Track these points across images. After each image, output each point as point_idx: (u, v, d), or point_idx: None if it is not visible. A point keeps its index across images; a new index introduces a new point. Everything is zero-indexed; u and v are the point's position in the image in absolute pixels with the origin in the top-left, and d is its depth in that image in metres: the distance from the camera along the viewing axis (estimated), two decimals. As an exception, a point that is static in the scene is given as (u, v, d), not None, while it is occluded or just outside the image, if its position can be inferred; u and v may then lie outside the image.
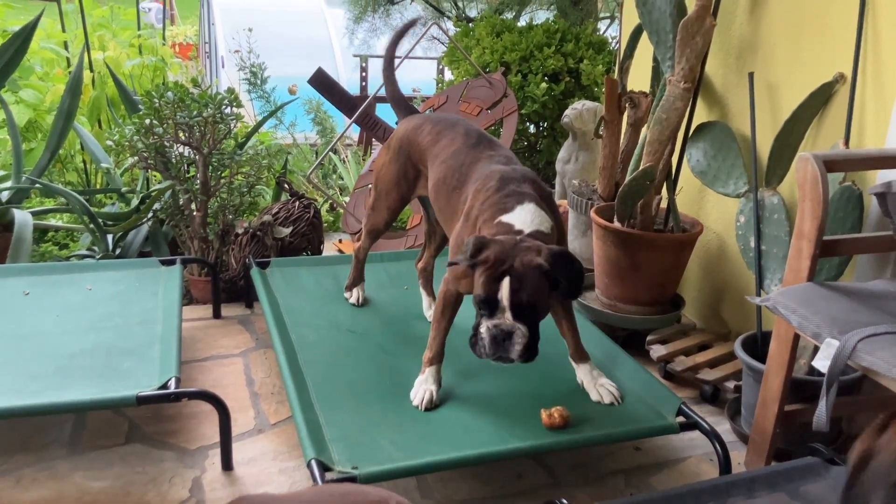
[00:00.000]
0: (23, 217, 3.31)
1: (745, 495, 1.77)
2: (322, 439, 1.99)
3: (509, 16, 6.37)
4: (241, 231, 3.44)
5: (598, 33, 5.57)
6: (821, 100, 2.52)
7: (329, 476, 1.83)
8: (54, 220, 3.96)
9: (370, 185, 3.27)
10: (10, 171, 3.79)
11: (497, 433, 2.06)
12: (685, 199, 3.17)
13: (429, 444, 2.01)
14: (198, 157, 3.27)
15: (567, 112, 3.93)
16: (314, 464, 1.85)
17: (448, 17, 6.83)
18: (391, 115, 3.14)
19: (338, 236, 4.42)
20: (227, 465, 2.23)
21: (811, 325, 1.88)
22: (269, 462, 2.27)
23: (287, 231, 3.47)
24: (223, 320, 3.20)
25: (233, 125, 3.30)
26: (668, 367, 2.77)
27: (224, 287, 3.33)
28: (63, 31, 4.70)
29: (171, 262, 3.05)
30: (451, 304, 2.25)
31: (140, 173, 4.01)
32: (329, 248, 4.07)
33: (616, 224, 2.90)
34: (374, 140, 5.62)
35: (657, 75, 3.07)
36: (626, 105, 3.04)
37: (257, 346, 2.98)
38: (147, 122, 3.17)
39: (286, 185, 3.72)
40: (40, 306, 2.66)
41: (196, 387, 2.57)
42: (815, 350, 1.85)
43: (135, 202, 3.71)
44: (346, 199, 4.69)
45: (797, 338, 2.06)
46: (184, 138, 3.23)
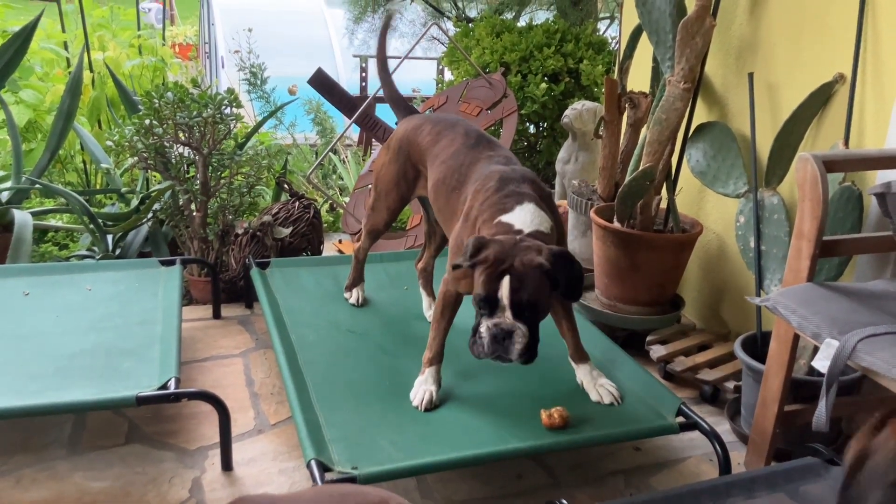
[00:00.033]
0: (23, 217, 3.31)
1: (745, 495, 1.77)
2: (322, 440, 1.99)
3: (509, 16, 6.37)
4: (240, 231, 3.44)
5: (597, 33, 5.57)
6: (820, 100, 2.52)
7: (329, 476, 1.83)
8: (54, 221, 3.96)
9: (370, 186, 3.27)
10: (10, 171, 3.79)
11: (497, 433, 2.06)
12: (685, 199, 3.17)
13: (428, 444, 2.00)
14: (198, 157, 3.27)
15: (567, 112, 3.93)
16: (314, 464, 1.85)
17: (448, 18, 6.83)
18: (391, 115, 3.14)
19: (338, 236, 4.42)
20: (226, 465, 2.23)
21: (811, 326, 1.88)
22: (269, 462, 2.27)
23: (287, 231, 3.47)
24: (223, 321, 3.20)
25: (233, 125, 3.30)
26: (667, 368, 2.78)
27: (224, 287, 3.34)
28: (63, 31, 4.70)
29: (170, 263, 3.05)
30: (450, 304, 2.25)
31: (140, 174, 4.01)
32: (329, 249, 4.07)
33: (616, 224, 2.90)
34: (373, 140, 5.62)
35: (657, 75, 3.07)
36: (626, 105, 3.03)
37: (257, 346, 2.98)
38: (147, 122, 3.17)
39: (286, 186, 3.72)
40: (40, 307, 2.66)
41: (196, 387, 2.57)
42: (815, 350, 1.85)
43: (135, 202, 3.71)
44: (346, 199, 4.69)
45: (797, 338, 2.06)
46: (183, 139, 3.23)
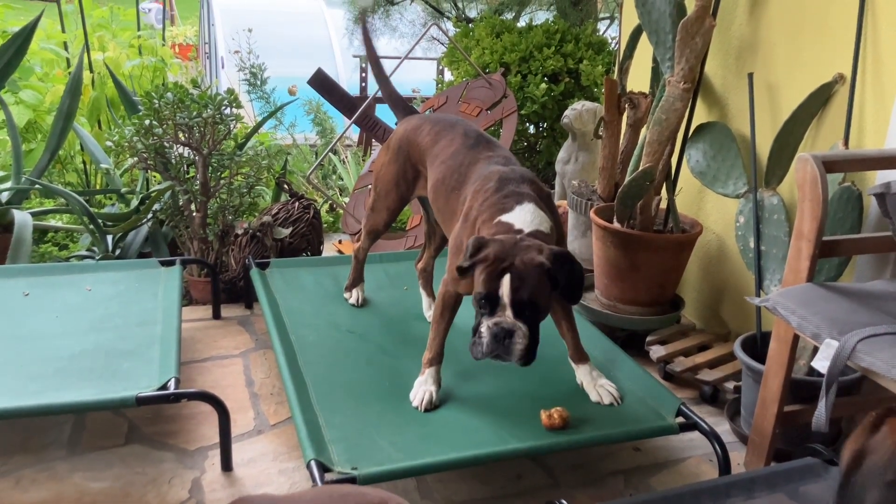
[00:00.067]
0: (22, 218, 3.31)
1: (745, 496, 1.77)
2: (322, 440, 1.99)
3: (509, 16, 6.37)
4: (240, 232, 3.44)
5: (597, 34, 5.57)
6: (820, 100, 2.52)
7: (328, 477, 1.83)
8: (54, 221, 3.96)
9: (370, 186, 3.27)
10: (10, 171, 3.79)
11: (496, 434, 2.06)
12: (685, 199, 3.17)
13: (428, 444, 2.00)
14: (197, 157, 3.27)
15: (567, 113, 3.93)
16: (314, 464, 1.85)
17: (448, 18, 6.83)
18: (391, 115, 3.14)
19: (337, 237, 4.42)
20: (226, 465, 2.23)
21: (810, 326, 1.88)
22: (269, 463, 2.27)
23: (287, 232, 3.47)
24: (223, 321, 3.20)
25: (232, 126, 3.30)
26: (667, 368, 2.78)
27: (224, 288, 3.34)
28: (63, 31, 4.70)
29: (170, 263, 3.05)
30: (450, 305, 2.25)
31: (140, 174, 4.01)
32: (329, 249, 4.07)
33: (616, 225, 2.90)
34: (373, 141, 5.62)
35: (657, 76, 3.07)
36: (626, 105, 3.03)
37: (257, 346, 2.98)
38: (147, 122, 3.17)
39: (286, 186, 3.72)
40: (40, 307, 2.66)
41: (196, 387, 2.57)
42: (815, 350, 1.84)
43: (134, 203, 3.71)
44: (346, 199, 4.69)
45: (797, 338, 2.06)
46: (183, 139, 3.23)
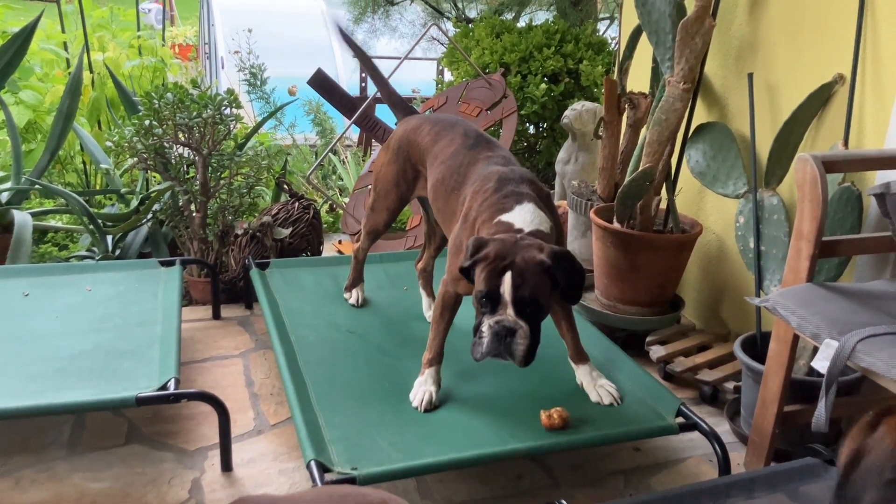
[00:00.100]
0: (22, 218, 3.31)
1: (745, 496, 1.77)
2: (321, 440, 1.99)
3: (509, 16, 6.38)
4: (240, 232, 3.44)
5: (597, 34, 5.57)
6: (820, 100, 2.52)
7: (328, 477, 1.83)
8: (54, 221, 3.96)
9: (369, 186, 3.27)
10: (10, 172, 3.79)
11: (496, 434, 2.06)
12: (684, 199, 3.17)
13: (428, 445, 2.00)
14: (197, 158, 3.27)
15: (566, 113, 3.93)
16: (314, 465, 1.85)
17: (447, 18, 6.83)
18: (391, 116, 3.14)
19: (337, 237, 4.42)
20: (226, 466, 2.23)
21: (810, 326, 1.88)
22: (269, 463, 2.27)
23: (286, 232, 3.47)
24: (223, 321, 3.20)
25: (232, 126, 3.30)
26: (667, 368, 2.77)
27: (223, 288, 3.34)
28: (63, 31, 4.70)
29: (170, 263, 3.05)
30: (449, 305, 2.25)
31: (139, 174, 4.02)
32: (328, 249, 4.07)
33: (615, 225, 2.90)
34: (373, 141, 5.62)
35: (657, 76, 3.07)
36: (626, 106, 3.04)
37: (257, 347, 2.98)
38: (147, 123, 3.17)
39: (286, 186, 3.72)
40: (40, 307, 2.66)
41: (195, 388, 2.57)
42: (815, 351, 1.84)
43: (134, 203, 3.71)
44: (346, 199, 4.69)
45: (796, 338, 2.06)
46: (183, 139, 3.23)
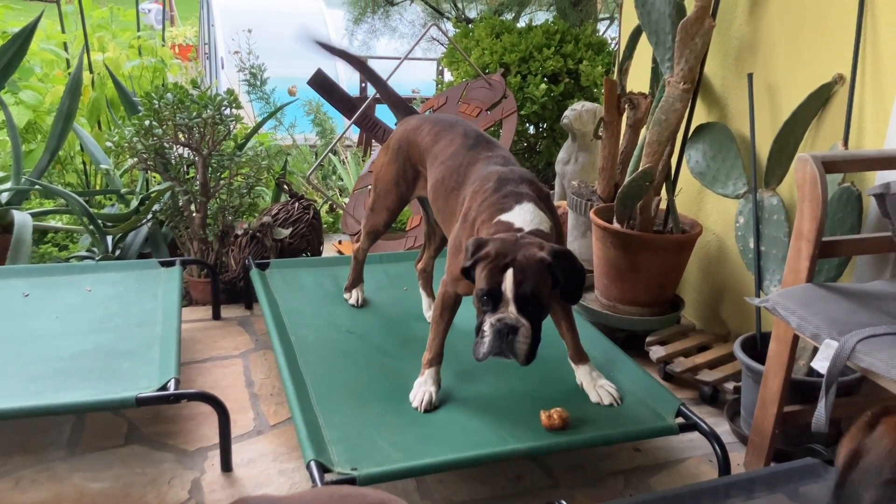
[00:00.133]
0: (22, 218, 3.31)
1: (744, 496, 1.77)
2: (321, 440, 1.99)
3: (509, 17, 6.38)
4: (240, 232, 3.44)
5: (597, 34, 5.58)
6: (820, 101, 2.52)
7: (328, 477, 1.83)
8: (54, 222, 3.96)
9: (369, 187, 3.27)
10: (10, 172, 3.79)
11: (496, 434, 2.06)
12: (684, 200, 3.17)
13: (428, 445, 2.00)
14: (197, 158, 3.27)
15: (566, 113, 3.93)
16: (313, 465, 1.85)
17: (447, 19, 6.83)
18: (391, 116, 3.14)
19: (337, 237, 4.42)
20: (226, 466, 2.23)
21: (810, 326, 1.88)
22: (269, 463, 2.27)
23: (286, 232, 3.47)
24: (223, 321, 3.20)
25: (232, 126, 3.30)
26: (667, 369, 2.78)
27: (223, 288, 3.34)
28: (63, 32, 4.70)
29: (170, 264, 3.05)
30: (449, 305, 2.25)
31: (139, 174, 4.02)
32: (328, 250, 4.07)
33: (615, 225, 2.90)
34: (373, 141, 5.63)
35: (656, 76, 3.07)
36: (626, 106, 3.04)
37: (257, 347, 2.98)
38: (146, 123, 3.17)
39: (286, 187, 3.72)
40: (40, 308, 2.66)
41: (195, 388, 2.57)
42: (815, 351, 1.84)
43: (134, 203, 3.71)
44: (346, 200, 4.69)
45: (796, 339, 2.06)
46: (183, 139, 3.23)
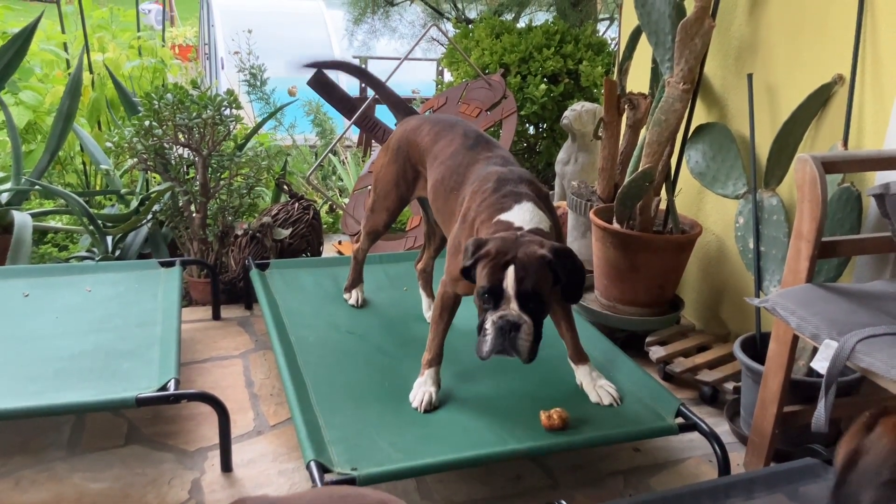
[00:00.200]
0: (22, 219, 3.31)
1: (744, 496, 1.77)
2: (321, 441, 1.99)
3: (508, 17, 6.38)
4: (240, 232, 3.44)
5: (597, 35, 5.58)
6: (819, 101, 2.52)
7: (328, 477, 1.83)
8: (54, 222, 3.96)
9: (369, 187, 3.27)
10: (10, 172, 3.79)
11: (496, 435, 2.06)
12: (684, 200, 3.17)
13: (428, 445, 2.01)
14: (197, 158, 3.27)
15: (566, 113, 3.93)
16: (313, 465, 1.85)
17: (447, 19, 6.84)
18: (390, 116, 3.15)
19: (337, 238, 4.42)
20: (226, 466, 2.23)
21: (810, 327, 1.88)
22: (269, 464, 2.27)
23: (286, 233, 3.47)
24: (222, 322, 3.20)
25: (232, 127, 3.30)
26: (667, 369, 2.78)
27: (223, 289, 3.34)
28: (63, 32, 4.70)
29: (170, 264, 3.05)
30: (449, 305, 2.25)
31: (139, 175, 4.02)
32: (328, 250, 4.07)
33: (615, 225, 2.90)
34: (373, 141, 5.63)
35: (656, 77, 3.07)
36: (626, 106, 3.04)
37: (257, 347, 2.98)
38: (146, 123, 3.17)
39: (286, 187, 3.72)
40: (40, 308, 2.66)
41: (195, 388, 2.57)
42: (814, 351, 1.84)
43: (134, 204, 3.71)
44: (346, 200, 4.69)
45: (796, 339, 2.06)
46: (183, 140, 3.23)
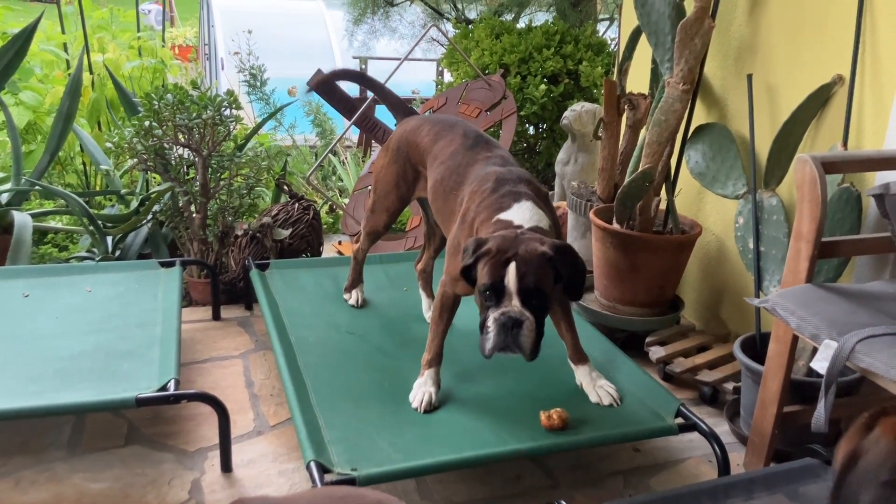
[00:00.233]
0: (22, 219, 3.31)
1: (744, 496, 1.77)
2: (321, 441, 1.99)
3: (508, 17, 6.38)
4: (240, 233, 3.44)
5: (597, 35, 5.58)
6: (819, 101, 2.52)
7: (328, 478, 1.83)
8: (54, 222, 3.96)
9: (369, 187, 3.27)
10: (10, 172, 3.79)
11: (496, 435, 2.06)
12: (684, 200, 3.17)
13: (428, 445, 2.01)
14: (197, 158, 3.27)
15: (566, 114, 3.94)
16: (313, 465, 1.85)
17: (447, 19, 6.84)
18: (390, 116, 3.15)
19: (337, 238, 4.42)
20: (226, 466, 2.23)
21: (810, 327, 1.88)
22: (269, 464, 2.27)
23: (286, 233, 3.48)
24: (222, 322, 3.20)
25: (232, 127, 3.31)
26: (667, 369, 2.78)
27: (223, 289, 3.34)
28: (63, 32, 4.70)
29: (170, 264, 3.05)
30: (448, 306, 2.25)
31: (139, 175, 4.02)
32: (328, 250, 4.07)
33: (615, 226, 2.90)
34: (373, 142, 5.63)
35: (656, 77, 3.07)
36: (625, 107, 3.04)
37: (256, 347, 2.98)
38: (146, 124, 3.17)
39: (286, 187, 3.72)
40: (40, 308, 2.66)
41: (195, 388, 2.57)
42: (814, 351, 1.85)
43: (134, 204, 3.71)
44: (346, 200, 4.69)
45: (796, 339, 2.06)
46: (183, 140, 3.23)
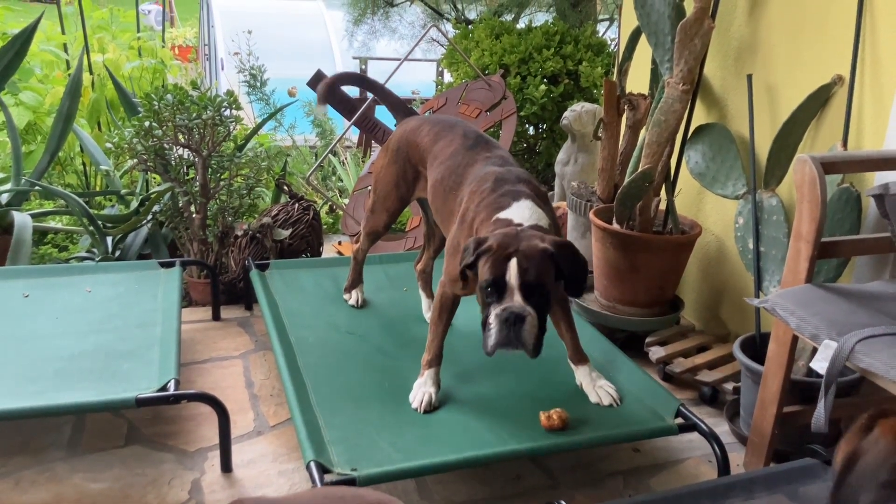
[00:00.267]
0: (22, 219, 3.31)
1: (744, 496, 1.77)
2: (321, 441, 1.99)
3: (508, 18, 6.38)
4: (240, 233, 3.44)
5: (597, 35, 5.58)
6: (819, 101, 2.52)
7: (328, 478, 1.83)
8: (54, 223, 3.96)
9: (369, 187, 3.27)
10: (10, 173, 3.79)
11: (496, 435, 2.06)
12: (684, 200, 3.17)
13: (428, 445, 2.01)
14: (197, 159, 3.27)
15: (566, 114, 3.94)
16: (313, 465, 1.85)
17: (447, 20, 6.84)
18: (390, 117, 3.15)
19: (337, 238, 4.42)
20: (226, 467, 2.23)
21: (809, 327, 1.88)
22: (269, 464, 2.27)
23: (286, 233, 3.48)
24: (222, 322, 3.20)
25: (232, 127, 3.31)
26: (666, 369, 2.78)
27: (223, 289, 3.34)
28: (63, 33, 4.71)
29: (170, 265, 3.05)
30: (448, 306, 2.25)
31: (139, 175, 4.02)
32: (328, 250, 4.07)
33: (615, 226, 2.91)
34: (373, 142, 5.63)
35: (656, 77, 3.07)
36: (625, 107, 3.04)
37: (256, 348, 2.98)
38: (146, 124, 3.17)
39: (285, 188, 3.73)
40: (40, 308, 2.66)
41: (195, 389, 2.57)
42: (814, 351, 1.85)
43: (134, 204, 3.71)
44: (346, 200, 4.69)
45: (795, 339, 2.07)
46: (183, 140, 3.23)
